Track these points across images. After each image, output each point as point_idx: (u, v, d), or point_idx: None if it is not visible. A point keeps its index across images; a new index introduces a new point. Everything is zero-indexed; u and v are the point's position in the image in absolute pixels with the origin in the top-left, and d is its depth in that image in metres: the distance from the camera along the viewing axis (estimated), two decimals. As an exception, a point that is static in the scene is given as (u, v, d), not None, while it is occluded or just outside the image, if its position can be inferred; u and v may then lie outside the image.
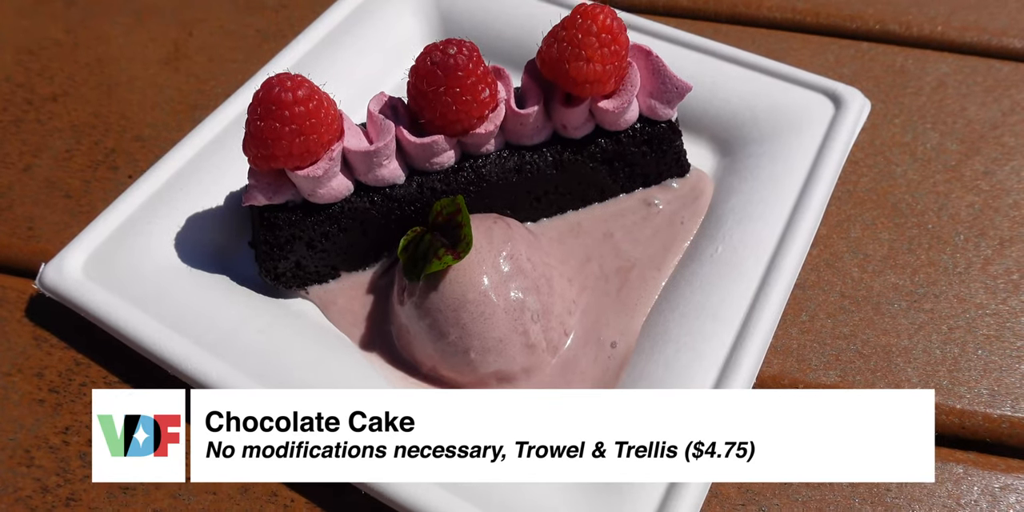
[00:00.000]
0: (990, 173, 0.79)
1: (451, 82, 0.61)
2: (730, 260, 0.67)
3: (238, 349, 0.63)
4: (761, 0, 0.96)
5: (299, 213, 0.65)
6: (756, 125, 0.77)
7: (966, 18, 0.93)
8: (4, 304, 0.73)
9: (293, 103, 0.59)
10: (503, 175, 0.68)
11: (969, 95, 0.86)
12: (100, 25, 0.99)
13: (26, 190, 0.82)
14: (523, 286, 0.63)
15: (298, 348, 0.65)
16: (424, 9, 0.90)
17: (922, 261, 0.74)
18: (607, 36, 0.62)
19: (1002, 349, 0.68)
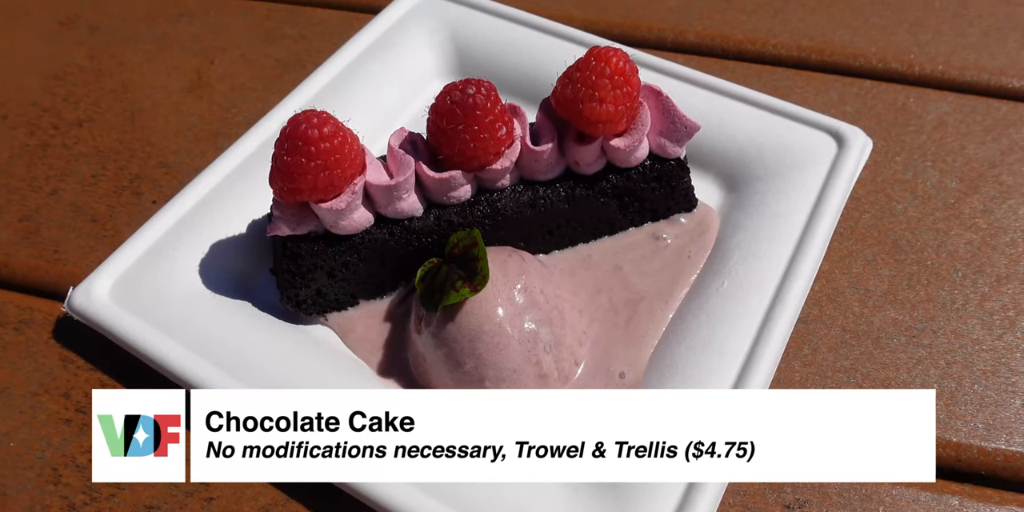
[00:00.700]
0: (988, 211, 0.81)
1: (469, 120, 0.64)
2: (735, 295, 0.69)
3: (260, 374, 0.65)
4: (767, 38, 0.98)
5: (321, 243, 0.67)
6: (762, 162, 0.79)
7: (966, 58, 0.95)
8: (32, 325, 0.75)
9: (319, 139, 0.61)
10: (517, 209, 0.70)
11: (968, 134, 0.87)
12: (123, 52, 1.01)
13: (52, 214, 0.84)
14: (536, 318, 0.65)
15: (318, 374, 0.67)
16: (440, 44, 0.92)
17: (921, 297, 0.75)
18: (620, 78, 0.65)
19: (997, 384, 0.69)
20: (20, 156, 0.89)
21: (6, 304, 0.77)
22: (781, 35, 0.98)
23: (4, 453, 0.67)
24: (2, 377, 0.72)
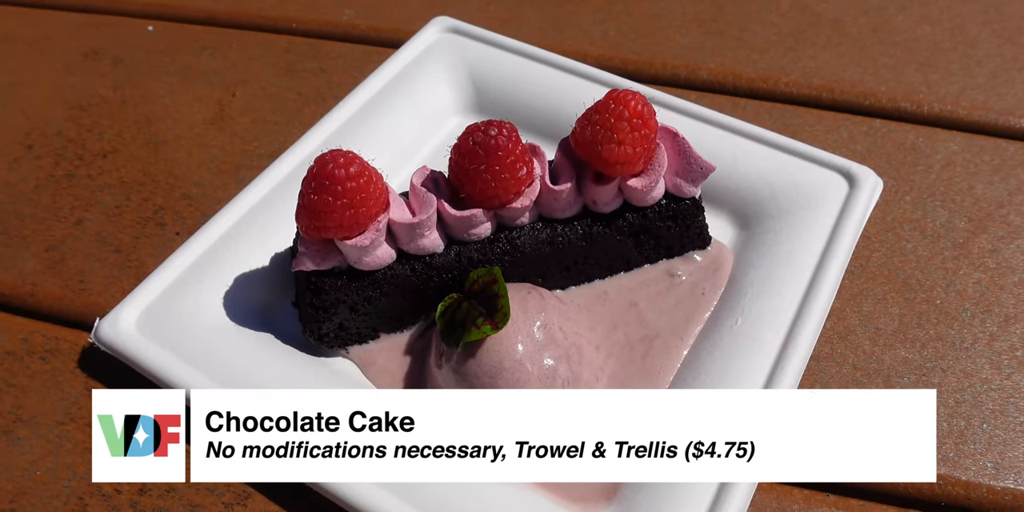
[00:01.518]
0: (996, 251, 0.82)
1: (491, 161, 0.65)
2: (748, 333, 0.70)
3: None
4: (778, 76, 0.99)
5: (344, 279, 0.69)
6: (774, 201, 0.80)
7: (975, 98, 0.96)
8: (58, 355, 0.77)
9: (346, 179, 0.63)
10: (536, 246, 0.72)
11: (977, 173, 0.89)
12: (147, 84, 1.03)
13: (78, 244, 0.85)
14: (555, 354, 0.66)
15: None
16: (459, 80, 0.94)
17: (930, 336, 0.76)
18: (638, 121, 0.66)
19: (1006, 423, 0.70)
20: (46, 186, 0.91)
21: (33, 333, 0.78)
22: (792, 74, 1.00)
23: (31, 482, 0.68)
24: (29, 406, 0.73)
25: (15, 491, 0.68)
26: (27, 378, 0.75)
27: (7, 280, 0.83)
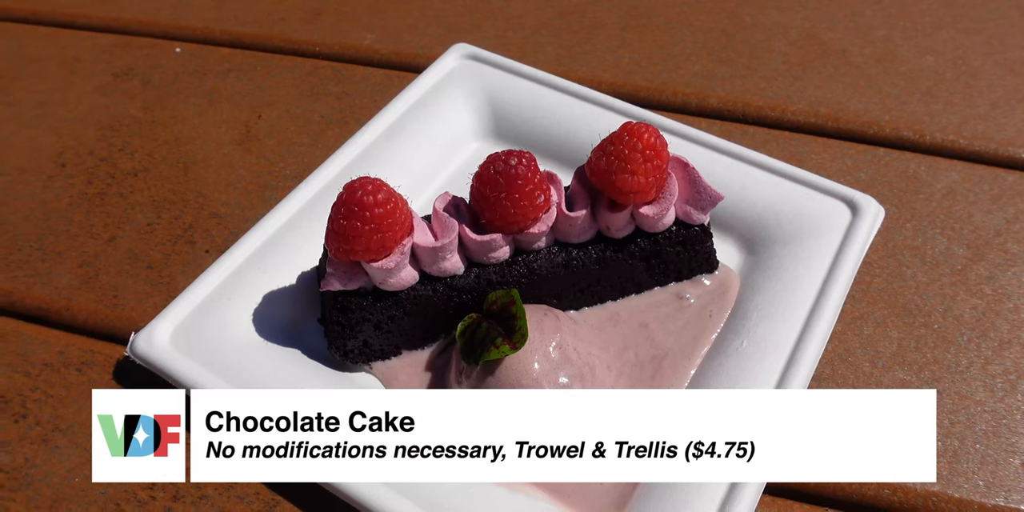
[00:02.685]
0: (993, 278, 0.84)
1: (511, 189, 0.69)
2: (753, 355, 0.73)
3: None
4: (785, 104, 1.02)
5: (369, 298, 0.71)
6: (780, 228, 0.83)
7: (975, 128, 0.98)
8: (94, 367, 0.79)
9: (374, 205, 0.66)
10: (552, 269, 0.75)
11: (976, 202, 0.91)
12: (175, 105, 1.05)
13: (111, 260, 0.88)
14: (569, 373, 0.69)
15: None
16: (477, 106, 0.97)
17: (928, 359, 0.78)
18: (651, 152, 0.69)
19: (998, 444, 0.72)
20: (79, 203, 0.94)
21: (69, 346, 0.81)
22: (799, 102, 1.02)
23: (69, 488, 0.71)
24: (67, 416, 0.76)
25: (54, 498, 0.70)
26: (64, 389, 0.78)
27: (44, 294, 0.85)
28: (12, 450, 0.74)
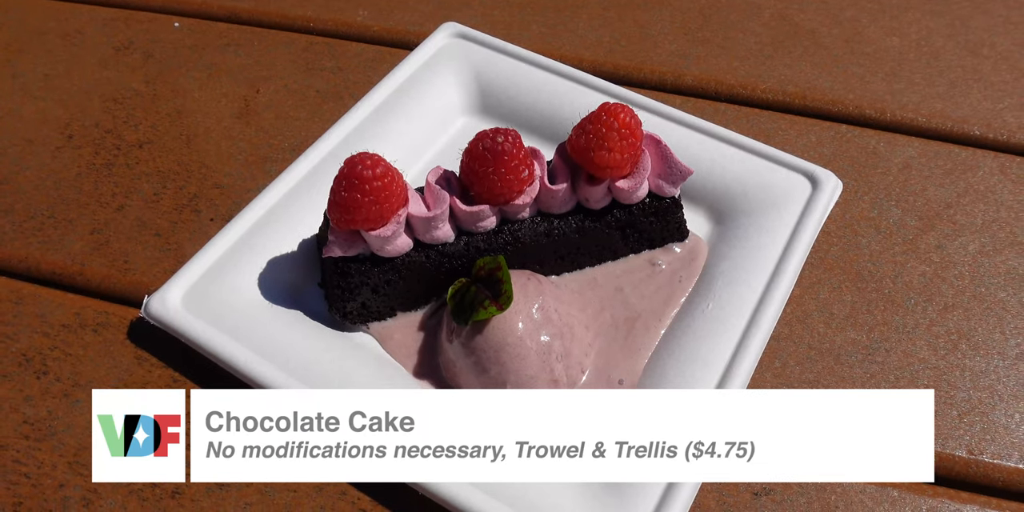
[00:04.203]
0: (941, 247, 0.89)
1: (498, 164, 0.74)
2: (718, 316, 0.78)
3: (316, 375, 0.73)
4: (756, 83, 1.06)
5: (368, 264, 0.76)
6: (746, 199, 0.87)
7: (933, 106, 1.03)
8: (109, 328, 0.84)
9: (372, 178, 0.71)
10: (535, 238, 0.79)
11: (930, 177, 0.96)
12: (176, 79, 1.08)
13: (120, 228, 0.92)
14: (551, 332, 0.74)
15: (365, 375, 0.75)
16: (465, 83, 1.01)
17: (877, 320, 0.83)
18: (626, 131, 0.74)
19: (938, 398, 0.77)
20: (87, 174, 0.97)
21: (84, 308, 0.86)
22: (769, 81, 1.07)
23: (90, 438, 0.74)
24: (86, 373, 0.80)
25: (78, 447, 0.75)
26: (81, 348, 0.82)
27: (58, 260, 0.90)
28: (36, 404, 0.79)
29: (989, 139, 1.01)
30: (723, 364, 0.75)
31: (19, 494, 0.73)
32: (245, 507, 0.72)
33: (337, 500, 0.73)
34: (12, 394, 0.80)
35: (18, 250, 0.91)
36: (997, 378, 0.81)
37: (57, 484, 0.74)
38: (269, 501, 0.73)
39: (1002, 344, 0.83)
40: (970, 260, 0.89)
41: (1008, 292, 0.87)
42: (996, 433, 0.77)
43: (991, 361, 0.82)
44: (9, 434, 0.77)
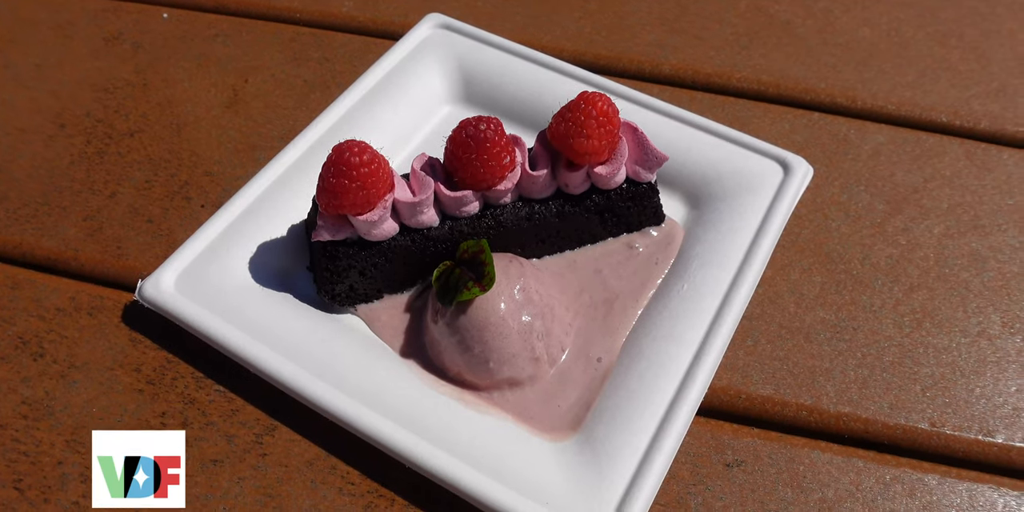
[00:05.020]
0: (908, 230, 0.92)
1: (480, 151, 0.76)
2: (693, 296, 0.80)
3: (305, 355, 0.76)
4: (731, 72, 1.09)
5: (355, 248, 0.78)
6: (720, 185, 0.90)
7: (903, 94, 1.06)
8: (103, 311, 0.86)
9: (359, 165, 0.74)
10: (516, 222, 0.81)
11: (898, 162, 0.98)
12: (166, 69, 1.10)
13: (113, 214, 0.94)
14: (532, 312, 0.76)
15: (352, 355, 0.77)
16: (449, 72, 1.03)
17: (846, 300, 0.86)
18: (604, 119, 0.77)
19: (902, 373, 0.81)
20: (80, 162, 0.99)
21: (79, 292, 0.88)
22: (744, 70, 1.09)
23: (89, 416, 0.78)
24: (81, 355, 0.83)
25: (74, 426, 0.78)
26: (77, 331, 0.85)
27: (52, 246, 0.91)
28: (33, 384, 0.81)
29: (955, 126, 1.05)
30: (697, 342, 0.77)
31: (18, 471, 0.76)
32: (239, 481, 0.75)
33: (327, 474, 0.76)
34: (10, 376, 0.82)
35: (13, 236, 0.93)
36: (959, 354, 0.84)
37: (55, 461, 0.76)
38: (261, 476, 0.76)
39: (964, 322, 0.86)
40: (935, 242, 0.92)
41: (971, 273, 0.90)
42: (957, 406, 0.80)
43: (953, 338, 0.85)
44: (8, 414, 0.79)
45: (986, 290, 0.88)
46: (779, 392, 0.81)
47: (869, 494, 0.75)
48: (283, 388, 0.76)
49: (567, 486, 0.70)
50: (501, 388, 0.77)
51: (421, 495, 0.74)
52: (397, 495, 0.75)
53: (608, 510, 0.69)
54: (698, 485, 0.75)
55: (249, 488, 0.75)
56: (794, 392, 0.81)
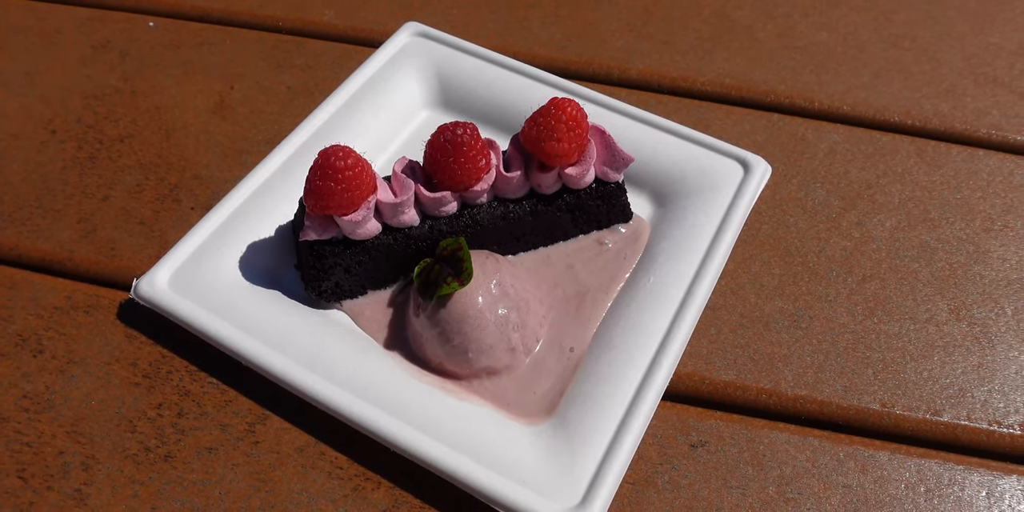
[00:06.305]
0: (861, 224, 0.95)
1: (458, 154, 0.80)
2: (659, 289, 0.84)
3: (296, 349, 0.79)
4: (696, 76, 1.13)
5: (340, 246, 0.80)
6: (684, 183, 0.93)
7: (858, 95, 1.11)
8: (99, 309, 0.89)
9: (344, 168, 0.77)
10: (492, 221, 0.84)
11: (853, 160, 1.02)
12: (153, 76, 1.13)
13: (106, 217, 0.96)
14: (508, 305, 0.79)
15: (339, 348, 0.80)
16: (427, 79, 1.07)
17: (803, 291, 0.89)
18: (573, 123, 0.80)
19: (855, 358, 0.84)
20: (72, 167, 1.02)
21: (75, 292, 0.91)
22: (708, 74, 1.14)
23: (88, 409, 0.82)
24: (79, 351, 0.86)
25: (74, 418, 0.81)
26: (74, 328, 0.88)
27: (47, 248, 0.94)
28: (33, 379, 0.84)
29: (907, 125, 1.09)
30: (662, 332, 0.81)
31: (22, 461, 0.79)
32: (232, 467, 0.79)
33: (317, 460, 0.80)
34: (11, 371, 0.85)
35: (9, 239, 0.96)
36: (908, 340, 0.88)
37: (57, 451, 0.80)
38: (254, 462, 0.80)
39: (914, 310, 0.91)
40: (887, 235, 0.96)
41: (920, 263, 0.95)
42: (906, 388, 0.85)
43: (904, 325, 0.90)
44: (10, 408, 0.83)
45: (934, 279, 0.93)
46: (740, 377, 0.84)
47: (824, 470, 0.78)
48: (274, 379, 0.79)
49: (543, 466, 0.74)
50: (480, 377, 0.81)
51: (406, 478, 0.77)
52: (383, 478, 0.79)
53: (581, 488, 0.73)
54: (665, 464, 0.79)
55: (243, 474, 0.79)
56: (754, 377, 0.84)
